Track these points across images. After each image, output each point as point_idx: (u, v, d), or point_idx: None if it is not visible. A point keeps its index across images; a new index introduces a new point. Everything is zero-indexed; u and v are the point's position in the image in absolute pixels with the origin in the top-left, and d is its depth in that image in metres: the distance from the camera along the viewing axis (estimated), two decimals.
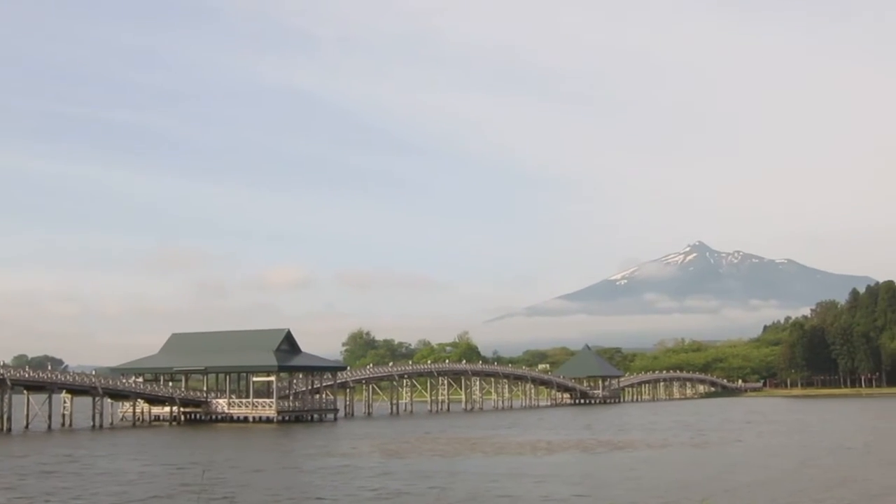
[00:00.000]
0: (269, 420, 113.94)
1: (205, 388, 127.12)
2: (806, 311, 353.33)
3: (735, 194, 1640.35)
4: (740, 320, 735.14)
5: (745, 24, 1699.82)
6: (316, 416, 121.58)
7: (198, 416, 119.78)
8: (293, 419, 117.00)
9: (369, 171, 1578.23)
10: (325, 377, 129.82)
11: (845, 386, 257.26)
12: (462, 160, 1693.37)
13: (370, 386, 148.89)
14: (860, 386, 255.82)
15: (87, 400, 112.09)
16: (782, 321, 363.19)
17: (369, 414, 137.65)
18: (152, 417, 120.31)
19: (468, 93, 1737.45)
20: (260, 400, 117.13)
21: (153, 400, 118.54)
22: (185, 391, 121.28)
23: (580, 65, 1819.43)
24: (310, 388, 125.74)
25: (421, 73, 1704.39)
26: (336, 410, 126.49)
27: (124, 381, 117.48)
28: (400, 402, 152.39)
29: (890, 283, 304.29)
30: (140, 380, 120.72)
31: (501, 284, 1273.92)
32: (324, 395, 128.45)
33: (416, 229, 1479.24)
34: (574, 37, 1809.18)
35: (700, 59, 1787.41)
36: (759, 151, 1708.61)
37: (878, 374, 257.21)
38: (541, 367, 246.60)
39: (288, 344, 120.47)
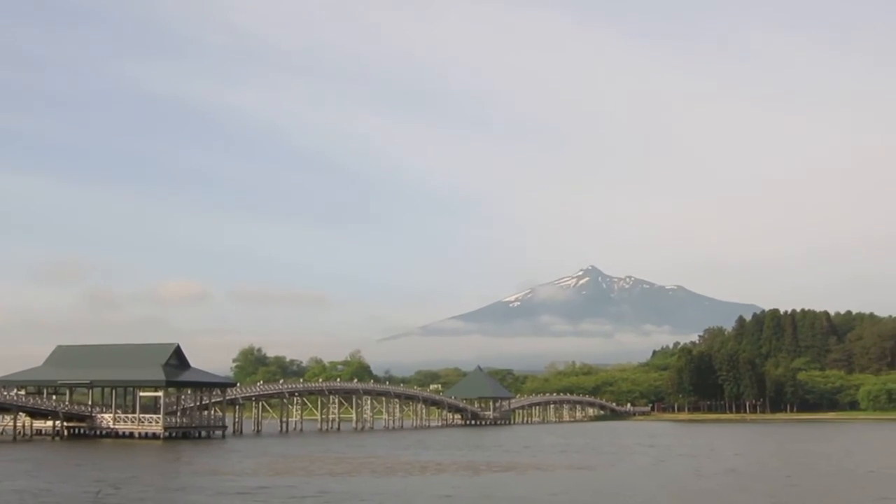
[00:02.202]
0: (155, 436, 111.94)
1: (90, 403, 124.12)
2: (697, 338, 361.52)
3: (627, 221, 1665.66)
4: (633, 345, 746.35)
5: (650, 55, 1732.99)
6: (204, 432, 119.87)
7: (82, 430, 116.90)
8: (180, 435, 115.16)
9: (266, 186, 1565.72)
10: (214, 393, 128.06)
11: (730, 411, 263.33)
12: (359, 179, 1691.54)
13: (260, 403, 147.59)
14: (745, 411, 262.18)
15: None
16: (671, 346, 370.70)
17: (258, 432, 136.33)
18: (34, 431, 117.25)
19: (362, 110, 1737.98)
20: (146, 415, 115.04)
21: (35, 413, 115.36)
22: (69, 405, 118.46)
23: (479, 87, 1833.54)
24: (198, 404, 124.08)
25: (313, 86, 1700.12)
26: (224, 427, 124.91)
27: (5, 393, 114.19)
28: (290, 420, 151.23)
29: (775, 311, 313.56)
30: (22, 392, 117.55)
31: (397, 304, 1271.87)
32: (212, 412, 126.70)
33: (312, 246, 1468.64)
34: (475, 58, 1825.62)
35: (600, 86, 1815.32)
36: (653, 181, 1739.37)
37: (762, 400, 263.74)
38: (432, 387, 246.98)
39: (177, 359, 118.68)
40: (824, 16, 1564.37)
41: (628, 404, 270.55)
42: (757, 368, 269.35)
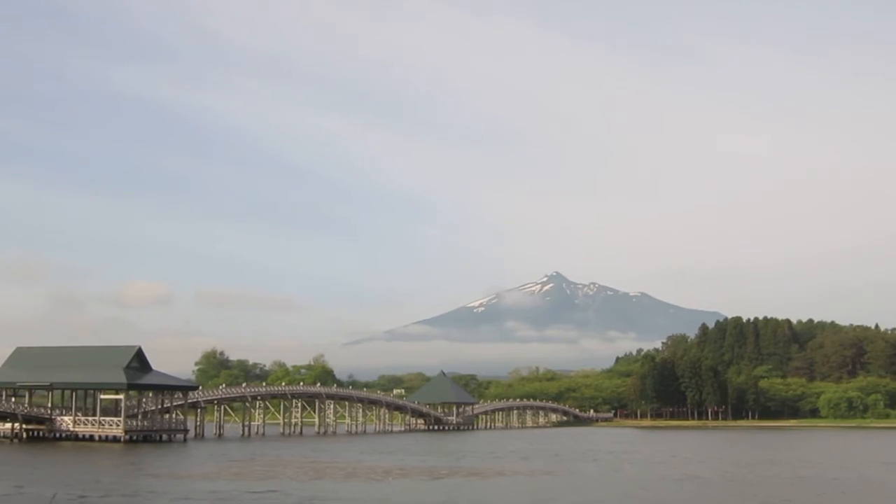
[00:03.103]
0: (116, 439, 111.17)
1: (49, 405, 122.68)
2: (661, 345, 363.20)
3: (592, 228, 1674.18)
4: (598, 351, 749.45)
5: (618, 64, 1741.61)
6: (165, 436, 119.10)
7: (41, 433, 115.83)
8: (141, 439, 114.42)
9: (233, 189, 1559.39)
10: (175, 396, 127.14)
11: (693, 418, 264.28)
12: (327, 182, 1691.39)
13: (222, 407, 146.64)
14: (707, 418, 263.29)
15: None
16: (635, 353, 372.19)
17: (220, 435, 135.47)
18: None
19: (330, 114, 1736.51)
20: (107, 418, 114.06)
21: None
22: (28, 407, 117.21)
23: (448, 93, 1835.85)
24: (159, 407, 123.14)
25: (279, 90, 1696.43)
26: (186, 431, 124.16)
27: None
28: (252, 423, 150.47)
29: (738, 319, 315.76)
30: None
31: (363, 308, 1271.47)
32: (174, 415, 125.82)
33: (279, 250, 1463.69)
34: (445, 65, 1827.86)
35: (568, 94, 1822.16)
36: (617, 188, 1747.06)
37: (724, 406, 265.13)
38: (396, 392, 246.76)
39: (139, 361, 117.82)
40: (790, 26, 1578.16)
41: (591, 410, 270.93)
42: (719, 376, 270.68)
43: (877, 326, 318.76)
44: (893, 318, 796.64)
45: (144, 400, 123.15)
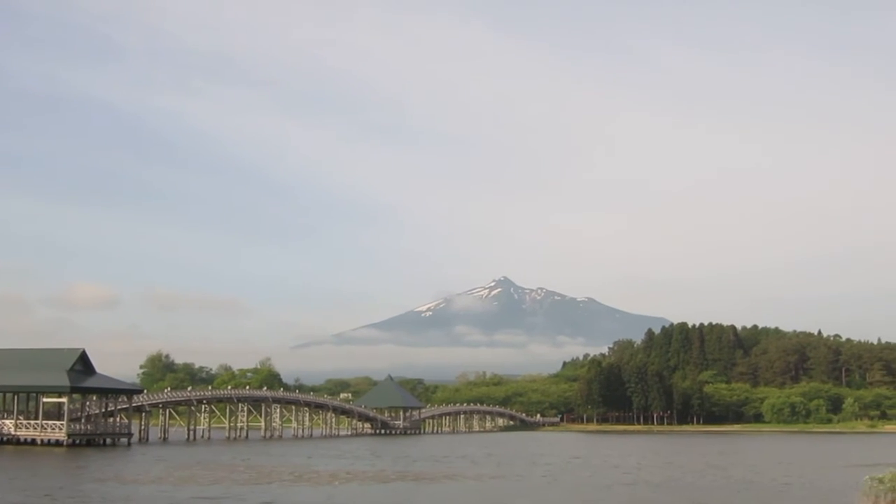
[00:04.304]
0: (58, 443, 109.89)
1: None
2: (607, 350, 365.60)
3: (539, 233, 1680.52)
4: (546, 356, 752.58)
5: (568, 68, 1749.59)
6: (109, 440, 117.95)
7: None
8: (84, 443, 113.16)
9: (179, 190, 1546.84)
10: (120, 400, 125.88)
11: (639, 423, 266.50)
12: (275, 184, 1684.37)
13: (167, 410, 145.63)
14: (652, 423, 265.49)
15: None
16: (581, 358, 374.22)
17: (165, 439, 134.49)
18: None
19: (281, 117, 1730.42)
20: (50, 422, 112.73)
21: None
22: None
23: (398, 98, 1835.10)
24: (103, 410, 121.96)
25: (230, 92, 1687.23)
26: (130, 435, 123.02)
27: None
28: (197, 427, 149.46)
29: (683, 324, 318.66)
30: None
31: (311, 311, 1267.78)
32: (118, 419, 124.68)
33: (227, 252, 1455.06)
34: (395, 69, 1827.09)
35: (516, 99, 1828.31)
36: (565, 194, 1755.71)
37: (669, 411, 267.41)
38: (343, 396, 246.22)
39: (82, 364, 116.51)
40: (736, 33, 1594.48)
41: (538, 415, 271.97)
42: (665, 381, 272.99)
43: (819, 333, 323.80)
44: (835, 325, 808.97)
45: (88, 403, 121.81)
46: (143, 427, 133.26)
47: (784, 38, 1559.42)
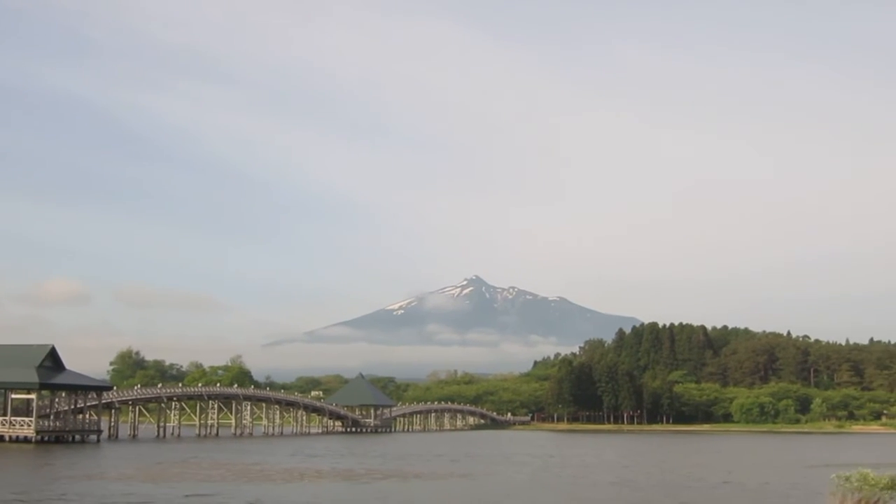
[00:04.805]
0: (27, 440, 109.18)
1: None
2: (578, 349, 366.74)
3: (511, 232, 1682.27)
4: (518, 355, 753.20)
5: (539, 67, 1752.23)
6: (78, 436, 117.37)
7: None
8: (53, 440, 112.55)
9: (152, 186, 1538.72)
10: (89, 396, 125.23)
11: (609, 422, 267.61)
12: (248, 182, 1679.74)
13: (137, 407, 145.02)
14: (623, 422, 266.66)
15: None
16: (552, 357, 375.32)
17: (134, 436, 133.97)
18: None
19: (254, 114, 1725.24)
20: (18, 418, 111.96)
21: None
22: None
23: (371, 95, 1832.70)
24: (73, 407, 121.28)
25: (202, 88, 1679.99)
26: (100, 432, 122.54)
27: None
28: (167, 425, 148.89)
29: (654, 324, 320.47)
30: None
31: (284, 309, 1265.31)
32: (87, 416, 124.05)
33: (200, 249, 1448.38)
34: (368, 66, 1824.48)
35: (488, 97, 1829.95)
36: (536, 193, 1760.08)
37: (639, 411, 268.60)
38: (313, 394, 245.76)
39: (52, 360, 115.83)
40: (711, 33, 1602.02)
41: (508, 414, 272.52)
42: (635, 380, 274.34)
43: (788, 334, 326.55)
44: (804, 326, 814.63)
45: (57, 400, 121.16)
46: (112, 424, 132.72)
47: (760, 39, 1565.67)
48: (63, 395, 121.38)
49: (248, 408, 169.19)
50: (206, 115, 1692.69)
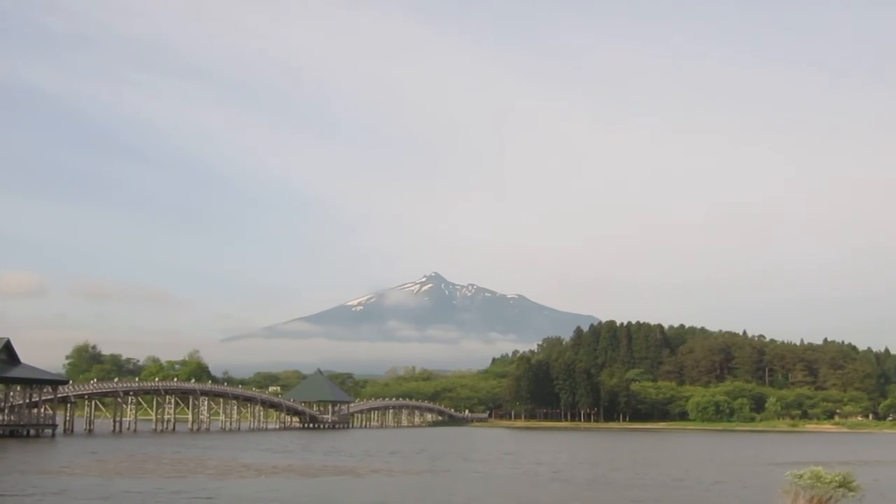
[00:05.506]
0: None
1: None
2: (537, 346, 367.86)
3: (471, 229, 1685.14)
4: (478, 352, 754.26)
5: (500, 63, 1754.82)
6: (32, 431, 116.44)
7: None
8: (7, 434, 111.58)
9: (110, 179, 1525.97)
10: (44, 390, 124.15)
11: (566, 419, 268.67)
12: (207, 176, 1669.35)
13: (93, 402, 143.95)
14: (580, 420, 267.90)
15: None
16: (510, 354, 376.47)
17: (90, 431, 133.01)
18: None
19: (213, 107, 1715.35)
20: None
21: None
22: None
23: (333, 91, 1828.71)
24: (27, 401, 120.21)
25: (161, 81, 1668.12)
26: (55, 426, 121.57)
27: None
28: (123, 419, 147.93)
29: (612, 322, 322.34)
30: None
31: (244, 304, 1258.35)
32: (42, 410, 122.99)
33: (158, 243, 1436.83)
34: (330, 62, 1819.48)
35: (448, 94, 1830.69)
36: (495, 190, 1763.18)
37: (596, 409, 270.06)
38: (271, 389, 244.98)
39: (6, 354, 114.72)
40: (661, 28, 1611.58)
41: (466, 411, 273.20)
42: (592, 378, 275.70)
43: (744, 333, 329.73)
44: (760, 325, 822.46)
45: (12, 394, 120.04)
46: (67, 418, 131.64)
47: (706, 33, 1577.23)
48: (18, 388, 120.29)
49: (206, 403, 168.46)
50: (168, 108, 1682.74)
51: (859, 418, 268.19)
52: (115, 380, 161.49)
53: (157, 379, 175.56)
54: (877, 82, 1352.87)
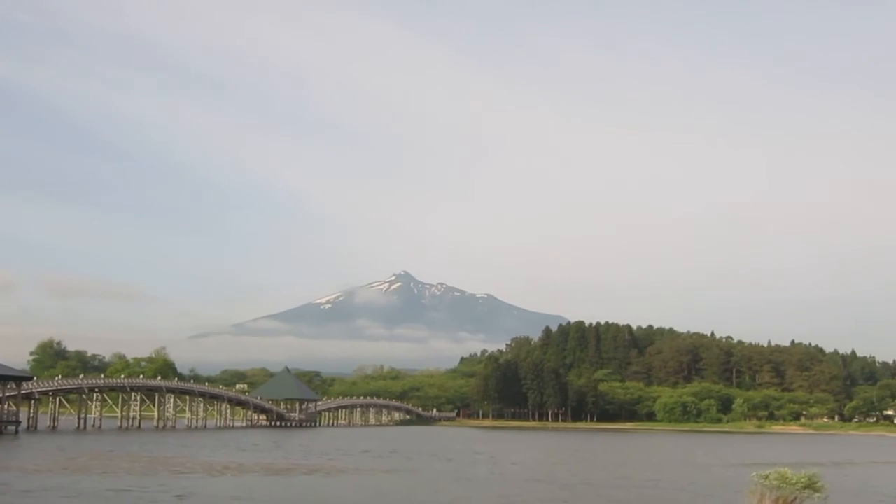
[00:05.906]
0: None
1: None
2: (505, 346, 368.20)
3: (440, 228, 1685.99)
4: (447, 351, 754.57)
5: (475, 66, 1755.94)
6: None
7: None
8: None
9: (79, 175, 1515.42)
10: (8, 387, 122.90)
11: (534, 419, 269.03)
12: (177, 172, 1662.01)
13: (57, 398, 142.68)
14: (548, 419, 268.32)
15: None
16: (479, 354, 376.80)
17: (54, 427, 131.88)
18: None
19: (178, 102, 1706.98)
20: None
21: None
22: None
23: (306, 89, 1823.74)
24: None
25: (132, 76, 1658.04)
26: (18, 423, 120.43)
27: None
28: (88, 416, 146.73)
29: (580, 323, 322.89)
30: None
31: (212, 301, 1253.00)
32: (6, 406, 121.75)
33: (126, 240, 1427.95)
34: (301, 58, 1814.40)
35: (421, 93, 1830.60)
36: (465, 190, 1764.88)
37: (564, 409, 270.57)
38: (238, 387, 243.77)
39: None
40: (634, 31, 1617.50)
41: (434, 410, 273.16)
42: (561, 378, 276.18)
43: (712, 334, 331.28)
44: (728, 327, 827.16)
45: None
46: (31, 415, 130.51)
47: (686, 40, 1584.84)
48: None
49: (172, 400, 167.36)
50: (136, 104, 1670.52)
51: (825, 420, 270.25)
52: (81, 376, 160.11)
53: (123, 376, 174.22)
54: (855, 85, 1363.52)
